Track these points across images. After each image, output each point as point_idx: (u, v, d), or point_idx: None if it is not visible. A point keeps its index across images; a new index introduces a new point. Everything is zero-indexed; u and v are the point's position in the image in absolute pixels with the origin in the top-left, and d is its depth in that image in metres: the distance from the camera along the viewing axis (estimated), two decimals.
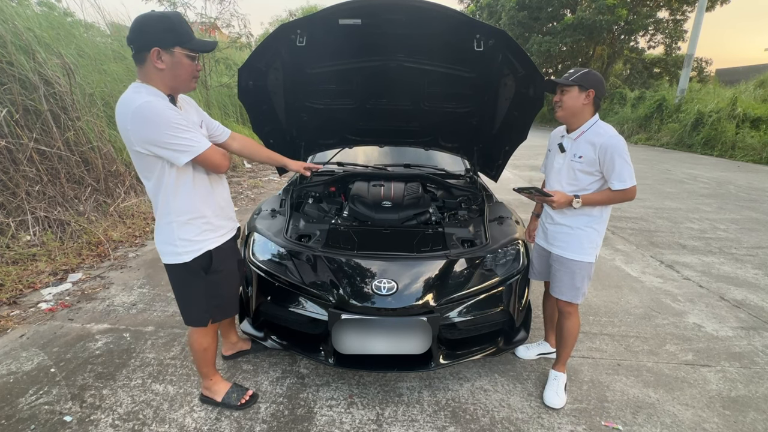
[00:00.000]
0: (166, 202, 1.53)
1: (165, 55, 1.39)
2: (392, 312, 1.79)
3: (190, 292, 1.69)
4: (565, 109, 1.83)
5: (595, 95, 1.79)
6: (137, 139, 1.39)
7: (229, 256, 1.76)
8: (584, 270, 1.91)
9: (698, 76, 23.27)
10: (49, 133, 3.99)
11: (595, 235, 1.89)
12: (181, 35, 1.41)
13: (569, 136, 1.89)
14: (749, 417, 1.95)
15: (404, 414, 1.90)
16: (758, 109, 12.35)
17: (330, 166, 3.19)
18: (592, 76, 1.78)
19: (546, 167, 2.09)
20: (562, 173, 1.92)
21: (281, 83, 2.40)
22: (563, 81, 1.81)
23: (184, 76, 1.46)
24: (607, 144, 1.74)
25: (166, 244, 1.60)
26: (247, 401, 1.91)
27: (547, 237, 2.03)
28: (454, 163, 3.34)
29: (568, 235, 1.91)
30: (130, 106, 1.36)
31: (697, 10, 15.30)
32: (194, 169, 1.54)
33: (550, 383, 2.05)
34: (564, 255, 1.93)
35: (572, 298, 1.94)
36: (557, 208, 1.89)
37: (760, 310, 3.02)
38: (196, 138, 1.46)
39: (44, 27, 4.46)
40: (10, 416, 1.83)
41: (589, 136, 1.81)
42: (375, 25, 2.01)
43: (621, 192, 1.78)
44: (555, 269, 1.98)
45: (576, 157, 1.84)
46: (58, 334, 2.50)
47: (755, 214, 5.81)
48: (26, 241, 3.52)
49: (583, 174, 1.84)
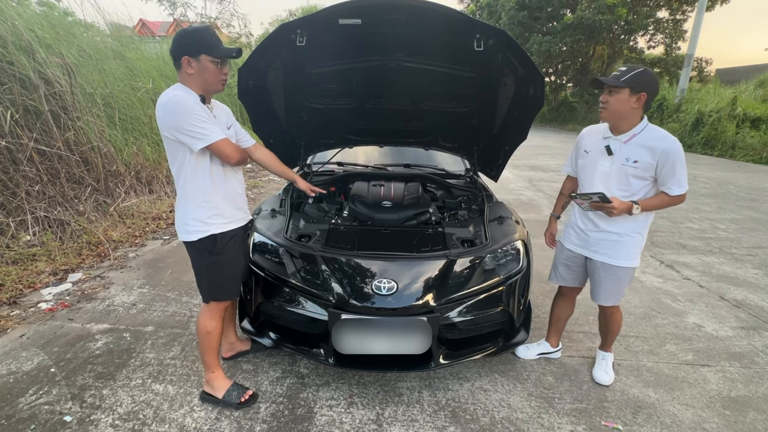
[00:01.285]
0: (184, 183, 1.73)
1: (193, 62, 1.63)
2: (392, 312, 1.79)
3: (198, 269, 1.86)
4: (610, 112, 1.74)
5: (647, 98, 1.69)
6: (165, 125, 1.63)
7: (234, 242, 1.87)
8: (629, 275, 1.93)
9: (698, 75, 23.26)
10: (49, 133, 3.99)
11: (641, 240, 1.88)
12: (206, 45, 1.63)
13: (617, 138, 1.80)
14: (749, 417, 1.95)
15: (404, 414, 1.90)
16: (758, 108, 12.35)
17: (330, 166, 3.19)
18: (646, 77, 1.67)
19: (582, 169, 1.98)
20: (610, 177, 1.82)
21: (281, 83, 2.40)
22: (613, 81, 1.68)
23: (211, 79, 1.68)
24: (670, 149, 1.68)
25: (181, 223, 1.78)
26: (247, 400, 1.92)
27: (588, 244, 1.96)
28: (454, 163, 3.33)
29: (616, 242, 1.87)
30: (164, 99, 1.63)
31: (697, 10, 15.29)
32: (211, 158, 1.73)
33: (599, 363, 2.17)
34: (612, 263, 1.89)
35: (616, 302, 1.98)
36: (617, 215, 1.78)
37: (760, 310, 3.02)
38: (213, 129, 1.66)
39: (45, 27, 4.46)
40: (10, 416, 1.83)
41: (643, 139, 1.73)
42: (375, 24, 2.01)
43: (678, 197, 1.74)
44: (600, 276, 1.95)
45: (629, 161, 1.76)
46: (58, 334, 2.50)
47: (755, 214, 5.81)
48: (26, 241, 3.52)
49: (636, 179, 1.77)
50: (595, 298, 2.02)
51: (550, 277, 2.21)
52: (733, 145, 11.97)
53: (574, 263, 2.07)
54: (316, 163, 3.23)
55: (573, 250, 2.05)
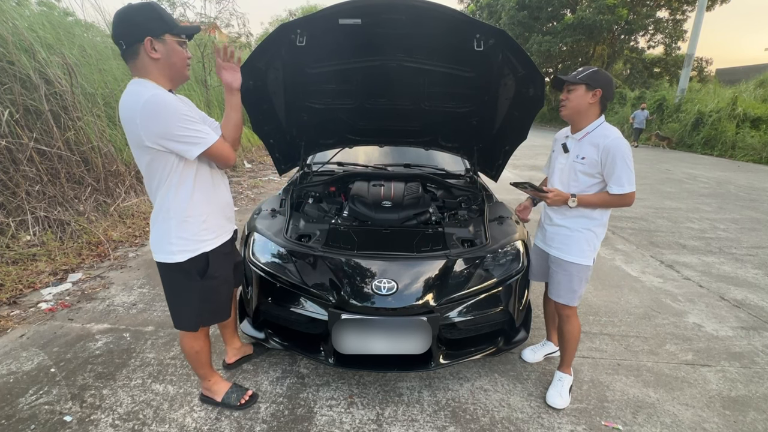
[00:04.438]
0: (166, 198, 1.49)
1: (158, 44, 1.36)
2: (392, 312, 1.79)
3: (181, 294, 1.64)
4: (569, 108, 1.81)
5: (602, 95, 1.75)
6: (148, 133, 1.34)
7: (226, 261, 1.73)
8: (582, 273, 1.90)
9: (698, 75, 23.28)
10: (49, 133, 3.99)
11: (594, 238, 1.88)
12: (167, 22, 1.38)
13: (573, 137, 1.87)
14: (749, 417, 1.95)
15: (404, 414, 1.90)
16: (758, 108, 12.36)
17: (330, 165, 3.19)
18: (601, 76, 1.74)
19: (549, 168, 2.07)
20: (563, 173, 1.90)
21: (281, 83, 2.40)
22: (570, 78, 1.76)
23: (179, 64, 1.44)
24: (611, 146, 1.71)
25: (161, 242, 1.55)
26: (247, 401, 1.91)
27: (545, 238, 2.02)
28: (454, 163, 3.33)
29: (567, 237, 1.90)
30: (139, 100, 1.31)
31: (697, 10, 15.31)
32: (198, 165, 1.52)
33: (554, 384, 2.04)
34: (562, 257, 1.92)
35: (569, 301, 1.93)
36: (551, 205, 1.87)
37: (760, 309, 3.02)
38: (206, 130, 1.44)
39: (46, 27, 4.46)
40: (10, 416, 1.83)
41: (593, 137, 1.78)
42: (375, 24, 2.01)
43: (618, 197, 1.75)
44: (552, 271, 1.98)
45: (578, 158, 1.82)
46: (58, 334, 2.50)
47: (755, 213, 5.81)
48: (26, 241, 3.52)
49: (584, 175, 1.82)
50: (549, 293, 2.03)
51: (529, 274, 2.17)
52: (733, 145, 11.99)
53: (540, 257, 2.08)
54: (316, 163, 3.23)
55: (537, 244, 2.10)
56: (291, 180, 3.05)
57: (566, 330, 2.00)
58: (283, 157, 2.86)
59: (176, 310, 1.68)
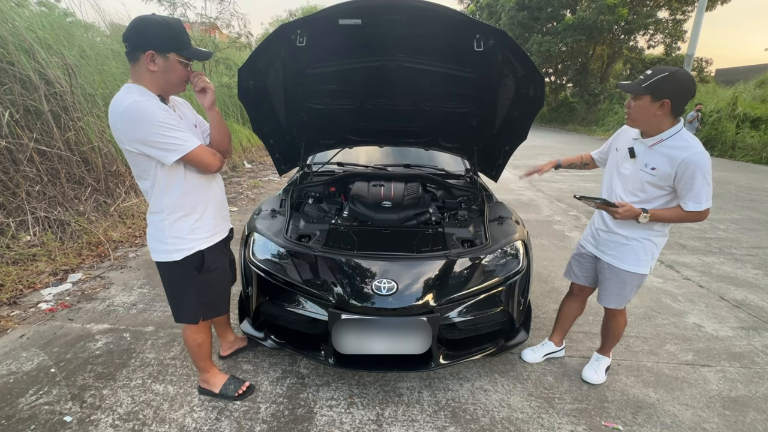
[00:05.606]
0: (158, 199, 1.55)
1: (159, 59, 1.43)
2: (392, 312, 1.79)
3: (181, 290, 1.70)
4: (633, 119, 1.64)
5: (671, 105, 1.55)
6: (127, 138, 1.42)
7: (222, 255, 1.79)
8: (636, 281, 1.86)
9: (698, 75, 23.29)
10: (49, 133, 3.99)
11: (653, 248, 1.79)
12: (179, 43, 1.44)
13: (643, 141, 1.69)
14: (749, 417, 1.95)
15: (404, 414, 1.90)
16: (758, 109, 12.36)
17: (330, 166, 3.19)
18: (669, 84, 1.52)
19: (608, 165, 1.93)
20: (628, 181, 1.75)
21: (281, 83, 2.40)
22: (633, 87, 1.57)
23: (175, 80, 1.50)
24: (691, 161, 1.55)
25: (157, 242, 1.61)
26: (245, 392, 1.94)
27: (598, 244, 1.94)
28: (454, 163, 3.33)
29: (623, 245, 1.81)
30: (120, 106, 1.39)
31: (697, 10, 15.30)
32: (185, 166, 1.56)
33: (591, 363, 2.14)
34: (617, 265, 1.85)
35: (618, 305, 1.95)
36: (620, 219, 1.73)
37: (760, 310, 3.02)
38: (185, 137, 1.47)
39: (46, 28, 4.46)
40: (10, 416, 1.83)
41: (667, 146, 1.61)
42: (375, 25, 2.01)
43: (695, 213, 1.63)
44: (605, 277, 1.92)
45: (647, 167, 1.66)
46: (58, 334, 2.50)
47: (755, 214, 5.81)
48: (26, 241, 3.52)
49: (652, 187, 1.68)
50: (599, 299, 2.02)
51: (565, 273, 2.21)
52: (733, 145, 11.98)
53: (586, 261, 2.06)
54: (316, 163, 3.23)
55: (585, 247, 2.05)
56: (291, 180, 3.06)
57: (612, 325, 2.04)
58: (283, 157, 2.86)
59: (176, 304, 1.74)
